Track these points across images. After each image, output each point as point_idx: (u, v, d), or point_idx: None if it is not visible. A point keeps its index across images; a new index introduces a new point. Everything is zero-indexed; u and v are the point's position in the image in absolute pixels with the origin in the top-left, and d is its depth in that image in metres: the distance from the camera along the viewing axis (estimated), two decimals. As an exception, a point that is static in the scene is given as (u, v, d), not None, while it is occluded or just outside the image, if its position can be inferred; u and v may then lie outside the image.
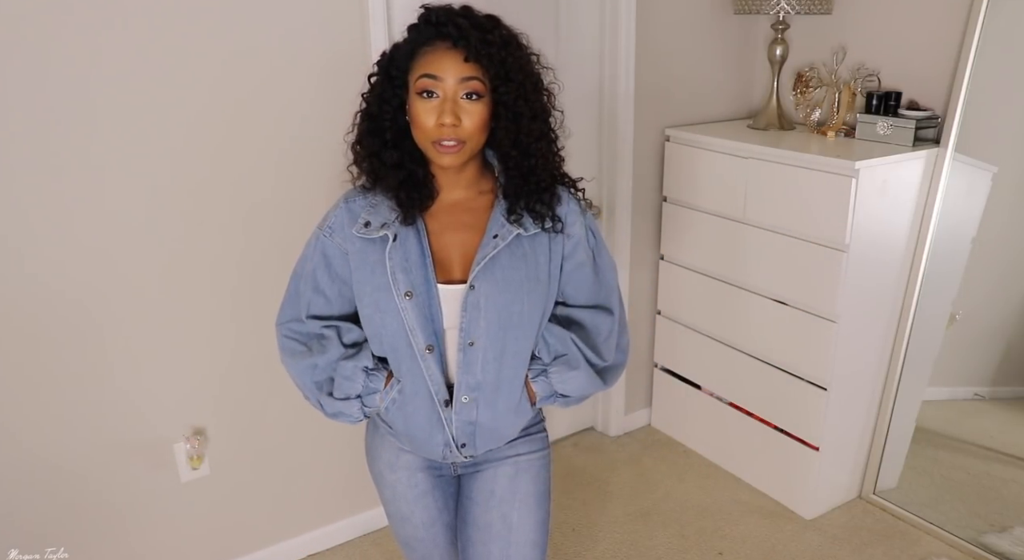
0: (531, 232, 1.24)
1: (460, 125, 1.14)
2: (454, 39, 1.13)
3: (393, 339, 1.24)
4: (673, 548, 2.29)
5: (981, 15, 2.08)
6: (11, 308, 1.69)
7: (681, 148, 2.55)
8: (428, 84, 1.14)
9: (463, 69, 1.13)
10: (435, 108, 1.14)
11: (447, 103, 1.13)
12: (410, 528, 1.41)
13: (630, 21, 2.41)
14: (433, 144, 1.16)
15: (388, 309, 1.22)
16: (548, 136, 1.24)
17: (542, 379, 1.32)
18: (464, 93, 1.14)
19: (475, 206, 1.26)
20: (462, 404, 1.26)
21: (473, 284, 1.20)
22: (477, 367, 1.24)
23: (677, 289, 2.70)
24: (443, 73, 1.13)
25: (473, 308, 1.21)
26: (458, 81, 1.13)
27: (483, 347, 1.23)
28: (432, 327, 1.22)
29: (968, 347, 2.43)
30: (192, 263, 1.88)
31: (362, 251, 1.24)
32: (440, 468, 1.39)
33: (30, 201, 1.65)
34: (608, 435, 2.89)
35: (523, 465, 1.38)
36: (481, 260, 1.20)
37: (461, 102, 1.14)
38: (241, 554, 2.15)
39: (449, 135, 1.14)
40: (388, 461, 1.39)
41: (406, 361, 1.25)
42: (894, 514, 2.41)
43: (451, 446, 1.30)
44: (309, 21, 1.87)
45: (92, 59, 1.64)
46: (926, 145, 2.19)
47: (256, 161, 1.90)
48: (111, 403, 1.86)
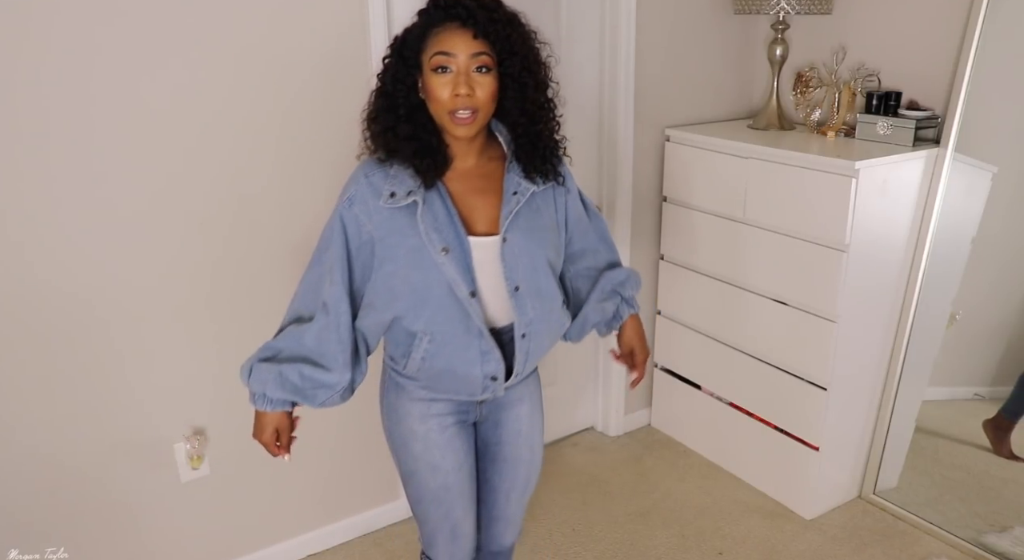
0: (541, 188, 1.41)
1: (474, 95, 1.26)
2: (463, 19, 1.25)
3: (430, 292, 1.34)
4: (673, 548, 2.29)
5: (981, 15, 2.08)
6: (12, 307, 1.69)
7: (681, 148, 2.55)
8: (443, 60, 1.26)
9: (473, 45, 1.25)
10: (450, 81, 1.26)
11: (460, 76, 1.26)
12: (440, 476, 1.50)
13: (630, 21, 2.41)
14: (449, 116, 1.28)
15: (427, 266, 1.32)
16: (549, 104, 1.38)
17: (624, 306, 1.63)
18: (475, 67, 1.26)
19: (487, 171, 1.40)
20: (521, 339, 1.41)
21: (505, 237, 1.35)
22: (527, 306, 1.40)
23: (677, 289, 2.70)
24: (456, 50, 1.25)
25: (511, 257, 1.36)
26: (469, 56, 1.26)
27: (525, 290, 1.39)
28: (470, 276, 1.34)
29: (968, 347, 2.43)
30: (192, 263, 1.88)
31: (390, 219, 1.33)
32: (467, 413, 1.52)
33: (32, 200, 1.66)
34: (608, 435, 2.89)
35: (534, 398, 1.58)
36: (508, 215, 1.35)
37: (473, 75, 1.27)
38: (241, 554, 2.15)
39: (464, 104, 1.26)
40: (419, 414, 1.48)
41: (444, 310, 1.35)
42: (894, 514, 2.41)
43: (493, 378, 1.42)
44: (309, 21, 1.87)
45: (92, 59, 1.64)
46: (926, 145, 2.19)
47: (257, 161, 1.90)
48: (111, 403, 1.86)
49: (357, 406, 2.23)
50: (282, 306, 2.02)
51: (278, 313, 2.03)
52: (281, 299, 2.02)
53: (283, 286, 2.02)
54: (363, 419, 2.26)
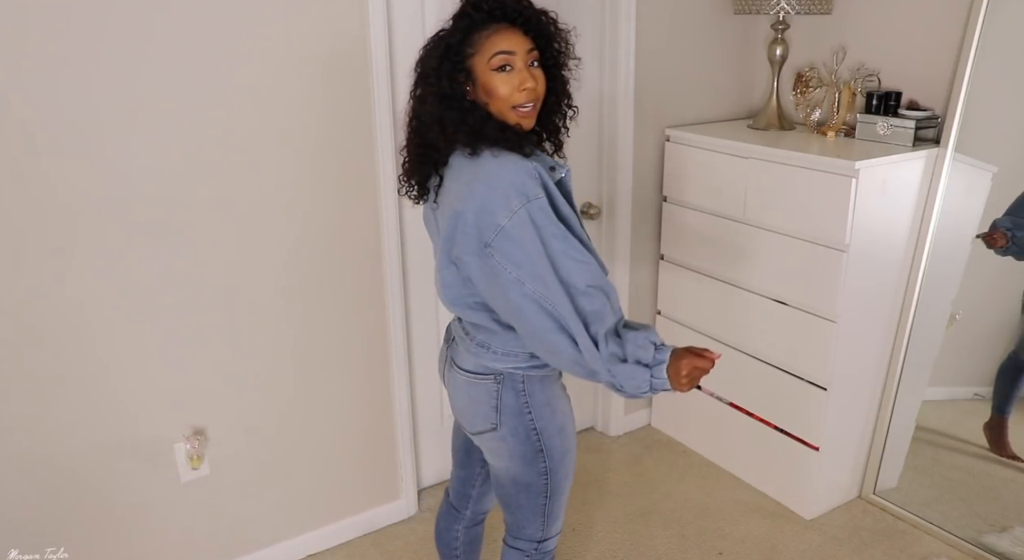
0: None
1: (536, 88, 1.35)
2: (512, 19, 1.32)
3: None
4: (673, 548, 2.29)
5: (981, 15, 2.08)
6: (12, 308, 1.69)
7: (681, 148, 2.55)
8: (505, 59, 1.31)
9: (527, 42, 1.33)
10: (513, 78, 1.32)
11: (522, 72, 1.32)
12: (575, 440, 1.57)
13: (630, 21, 2.41)
14: (514, 109, 1.34)
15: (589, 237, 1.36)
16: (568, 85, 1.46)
17: None
18: (530, 62, 1.34)
19: None
20: None
21: None
22: None
23: (677, 289, 2.70)
24: (515, 48, 1.32)
25: None
26: (526, 53, 1.33)
27: None
28: None
29: (968, 347, 2.42)
30: (192, 263, 1.88)
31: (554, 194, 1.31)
32: None
33: (33, 201, 1.65)
34: (608, 435, 2.89)
35: None
36: None
37: (531, 70, 1.34)
38: (241, 554, 2.15)
39: (530, 97, 1.34)
40: (565, 395, 1.55)
41: None
42: (894, 514, 2.41)
43: None
44: (309, 21, 1.87)
45: (92, 58, 1.64)
46: (926, 145, 2.19)
47: (257, 161, 1.90)
48: (111, 403, 1.86)
49: (357, 406, 2.25)
50: (282, 306, 2.04)
51: (278, 313, 2.05)
52: (281, 299, 2.03)
53: (282, 286, 2.02)
54: (363, 419, 2.27)
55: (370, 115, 2.02)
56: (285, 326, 2.05)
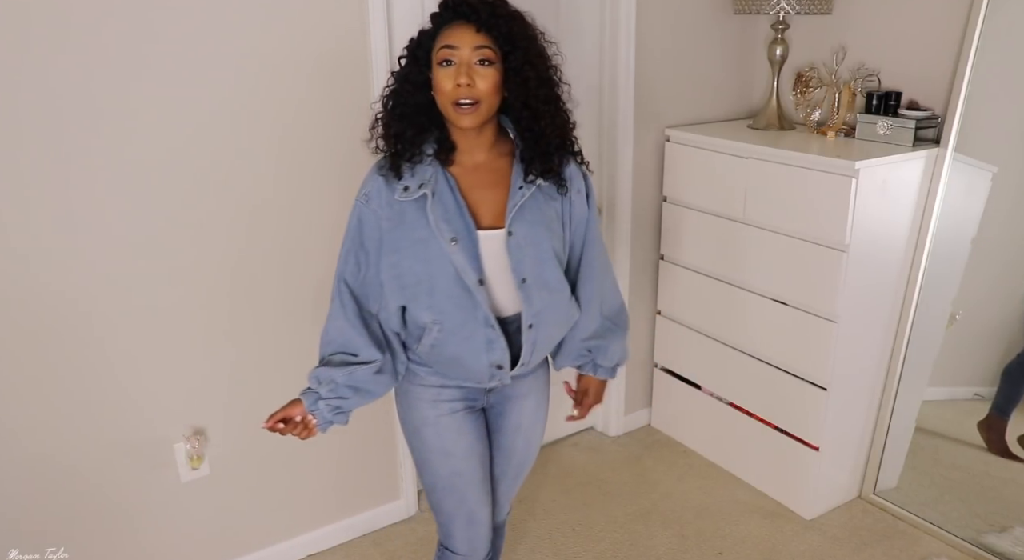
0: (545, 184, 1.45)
1: (475, 86, 1.32)
2: (467, 15, 1.32)
3: (438, 281, 1.39)
4: (673, 548, 2.29)
5: (981, 15, 2.08)
6: (12, 307, 1.69)
7: (681, 148, 2.55)
8: (446, 54, 1.32)
9: (475, 39, 1.31)
10: (452, 73, 1.32)
11: (462, 67, 1.32)
12: (453, 462, 1.54)
13: (630, 21, 2.41)
14: (453, 106, 1.33)
15: (435, 256, 1.37)
16: (556, 101, 1.41)
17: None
18: (477, 60, 1.32)
19: (496, 167, 1.44)
20: (528, 330, 1.45)
21: (511, 230, 1.39)
22: (534, 298, 1.43)
23: (677, 289, 2.70)
24: (458, 43, 1.32)
25: (516, 249, 1.40)
26: (472, 49, 1.32)
27: (532, 282, 1.42)
28: (478, 264, 1.39)
29: (968, 347, 2.42)
30: (193, 262, 1.88)
31: (400, 212, 1.39)
32: (475, 399, 1.56)
33: (33, 201, 1.66)
34: (608, 435, 2.89)
35: (540, 394, 1.64)
36: (512, 208, 1.40)
37: (476, 68, 1.32)
38: (241, 554, 2.15)
39: (465, 95, 1.32)
40: (430, 399, 1.53)
41: (453, 299, 1.40)
42: (894, 514, 2.41)
43: (499, 366, 1.46)
44: (309, 21, 1.87)
45: (91, 58, 1.64)
46: (926, 145, 2.19)
47: (257, 161, 1.90)
48: (111, 403, 1.86)
49: (357, 406, 2.24)
50: (281, 306, 2.04)
51: (277, 313, 2.05)
52: (280, 299, 2.03)
53: (282, 286, 2.02)
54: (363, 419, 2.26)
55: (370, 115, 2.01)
56: (286, 326, 2.05)
